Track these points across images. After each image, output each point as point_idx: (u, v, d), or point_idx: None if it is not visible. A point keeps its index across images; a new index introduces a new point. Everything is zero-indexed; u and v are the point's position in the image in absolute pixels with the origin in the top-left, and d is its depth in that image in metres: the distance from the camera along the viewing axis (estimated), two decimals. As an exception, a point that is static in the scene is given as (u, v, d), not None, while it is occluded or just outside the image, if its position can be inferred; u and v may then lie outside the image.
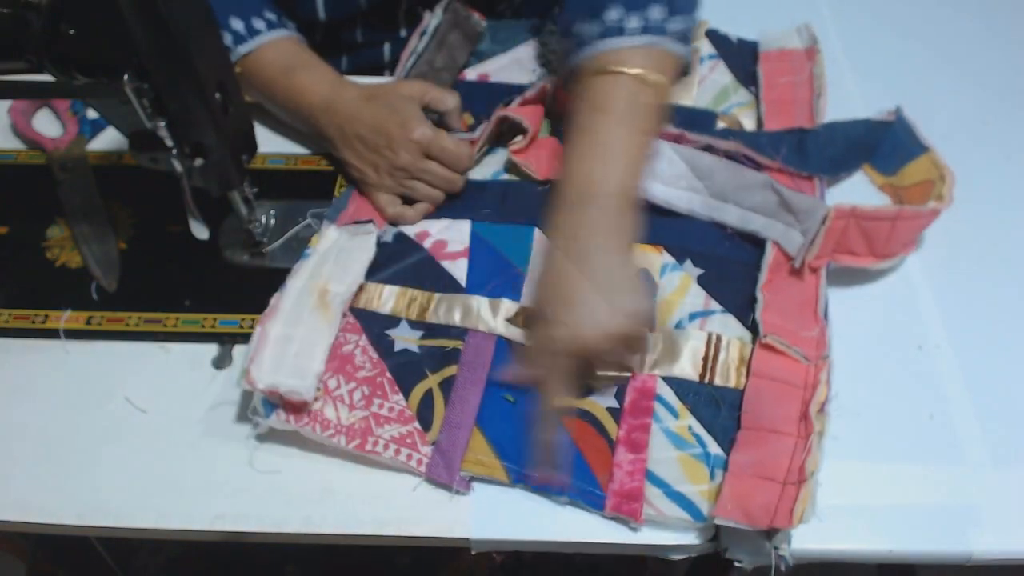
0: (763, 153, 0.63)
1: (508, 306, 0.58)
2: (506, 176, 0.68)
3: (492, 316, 0.58)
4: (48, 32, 0.48)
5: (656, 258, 0.61)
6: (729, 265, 0.61)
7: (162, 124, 0.50)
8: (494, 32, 0.78)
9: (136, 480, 0.52)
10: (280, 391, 0.51)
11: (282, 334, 0.55)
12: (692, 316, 0.58)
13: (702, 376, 0.55)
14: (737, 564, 0.50)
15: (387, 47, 0.79)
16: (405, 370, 0.56)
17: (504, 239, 0.63)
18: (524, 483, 0.52)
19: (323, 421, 0.53)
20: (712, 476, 0.51)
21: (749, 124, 0.70)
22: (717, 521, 0.48)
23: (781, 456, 0.50)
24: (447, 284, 0.60)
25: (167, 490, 0.52)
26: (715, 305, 0.58)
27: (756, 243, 0.61)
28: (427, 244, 0.63)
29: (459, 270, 0.61)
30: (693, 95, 0.72)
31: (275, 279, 0.61)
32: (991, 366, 0.57)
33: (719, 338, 0.56)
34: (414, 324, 0.59)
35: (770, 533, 0.48)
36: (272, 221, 0.64)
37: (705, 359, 0.55)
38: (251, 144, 0.57)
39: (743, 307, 0.58)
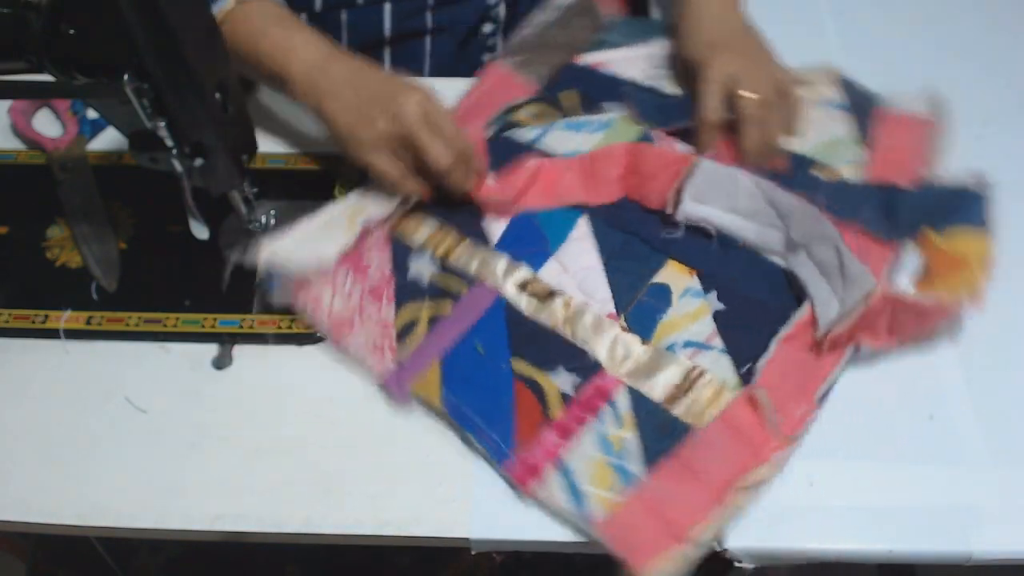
0: (844, 213, 0.59)
1: (524, 273, 0.60)
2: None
3: (503, 276, 0.60)
4: (48, 32, 0.48)
5: (684, 279, 0.60)
6: (754, 309, 0.58)
7: (162, 124, 0.50)
8: (626, 26, 0.77)
9: (136, 480, 0.52)
10: (291, 266, 0.57)
11: (307, 228, 0.60)
12: (687, 344, 0.56)
13: (666, 401, 0.54)
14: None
15: (387, 8, 0.76)
16: (406, 291, 0.60)
17: (549, 218, 0.64)
18: (456, 417, 0.54)
19: (316, 302, 0.58)
20: (618, 490, 0.50)
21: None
22: (594, 532, 0.49)
23: (691, 507, 0.49)
24: (480, 236, 0.63)
25: (167, 490, 0.52)
26: (717, 343, 0.56)
27: (797, 293, 0.58)
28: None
29: (496, 229, 0.63)
30: (806, 141, 0.67)
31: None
32: (991, 366, 0.57)
33: (700, 374, 0.55)
34: (434, 260, 0.62)
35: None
36: (272, 221, 0.64)
37: (677, 388, 0.54)
38: (251, 144, 0.57)
39: (746, 353, 0.55)
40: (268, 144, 0.71)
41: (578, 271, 0.61)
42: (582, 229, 0.63)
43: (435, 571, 1.07)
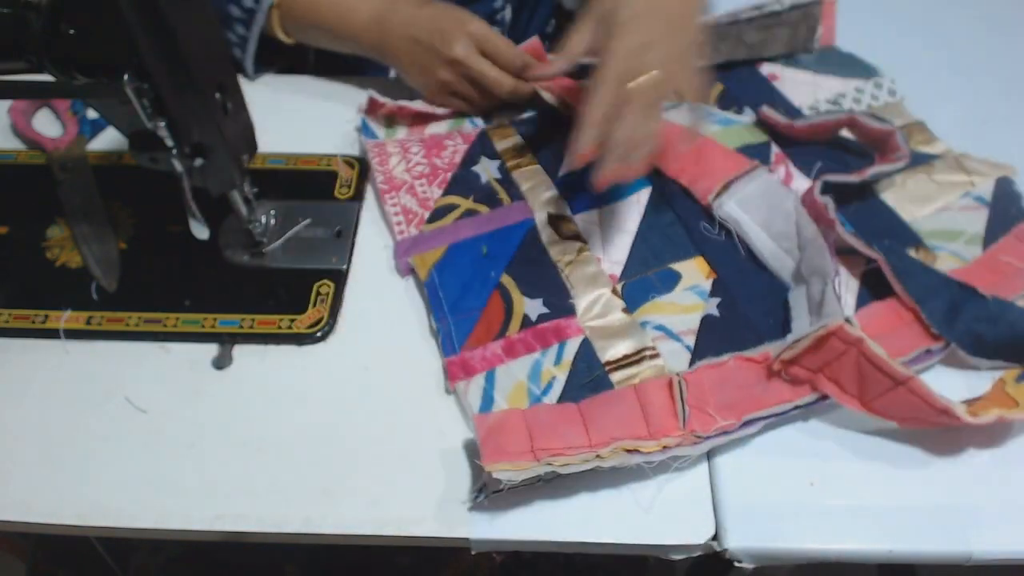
0: (912, 292, 0.56)
1: (561, 209, 0.64)
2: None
3: (544, 204, 0.64)
4: (48, 32, 0.48)
5: (699, 277, 0.60)
6: (743, 329, 0.57)
7: (162, 124, 0.50)
8: (827, 55, 0.77)
9: (136, 480, 0.52)
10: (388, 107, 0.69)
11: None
12: (659, 327, 0.57)
13: (609, 364, 0.56)
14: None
15: None
16: (461, 182, 0.66)
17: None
18: (431, 296, 0.59)
19: (384, 158, 0.67)
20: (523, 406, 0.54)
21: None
22: (472, 423, 0.52)
23: (563, 440, 0.50)
24: (550, 166, 0.67)
25: (167, 490, 0.52)
26: (689, 340, 0.57)
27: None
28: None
29: (563, 168, 0.65)
30: (926, 216, 0.64)
31: (275, 279, 0.61)
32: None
33: (653, 355, 0.56)
34: (502, 168, 0.67)
35: None
36: (272, 221, 0.64)
37: (625, 357, 0.56)
38: (251, 144, 0.58)
39: (708, 355, 0.55)
40: (268, 144, 0.70)
41: (611, 229, 0.63)
42: (641, 196, 0.65)
43: (435, 571, 1.06)
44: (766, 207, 0.61)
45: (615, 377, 0.55)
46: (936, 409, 0.50)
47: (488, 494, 0.50)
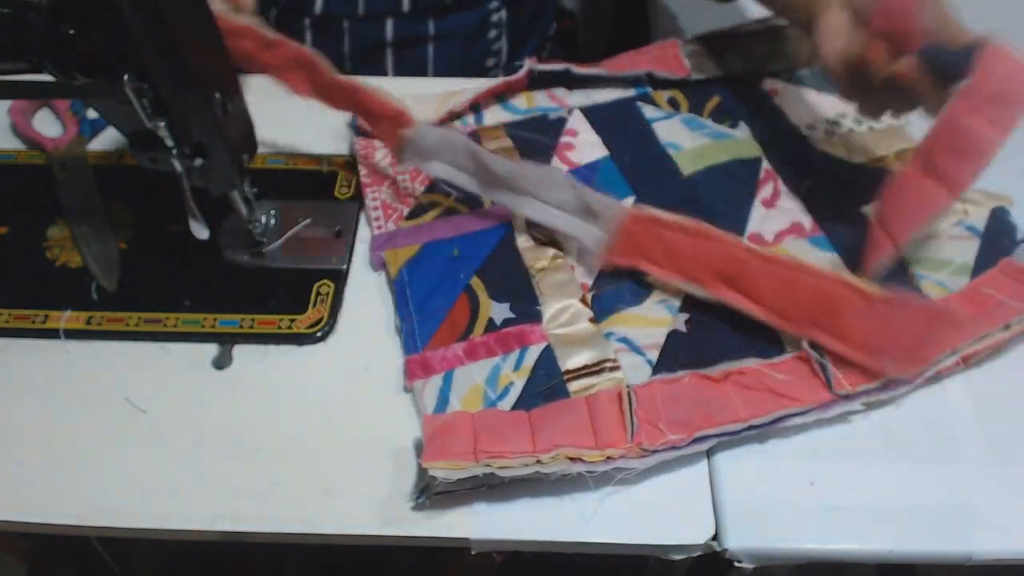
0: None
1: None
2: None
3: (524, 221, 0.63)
4: (48, 32, 0.48)
5: (670, 293, 0.60)
6: (708, 344, 0.57)
7: (162, 124, 0.50)
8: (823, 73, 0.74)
9: (136, 480, 0.52)
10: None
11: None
12: (623, 340, 0.57)
13: (568, 374, 0.55)
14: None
15: (389, 21, 0.77)
16: (444, 181, 0.65)
17: (610, 181, 0.66)
18: (399, 294, 0.59)
19: (368, 154, 0.68)
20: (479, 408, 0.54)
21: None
22: (422, 422, 0.52)
23: (507, 443, 0.49)
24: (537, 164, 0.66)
25: (167, 490, 0.52)
26: (652, 354, 0.56)
27: (764, 349, 0.56)
28: (562, 140, 0.69)
29: (559, 166, 0.67)
30: (917, 246, 0.63)
31: (275, 279, 0.61)
32: (991, 366, 0.57)
33: (613, 367, 0.55)
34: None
35: None
36: (272, 221, 0.64)
37: (584, 368, 0.55)
38: (251, 144, 0.58)
39: (668, 371, 0.55)
40: (268, 144, 0.71)
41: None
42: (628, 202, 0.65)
43: (435, 571, 1.07)
44: (445, 150, 0.63)
45: (572, 386, 0.54)
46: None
47: (430, 495, 0.50)
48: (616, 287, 0.60)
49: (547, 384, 0.55)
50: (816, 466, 0.52)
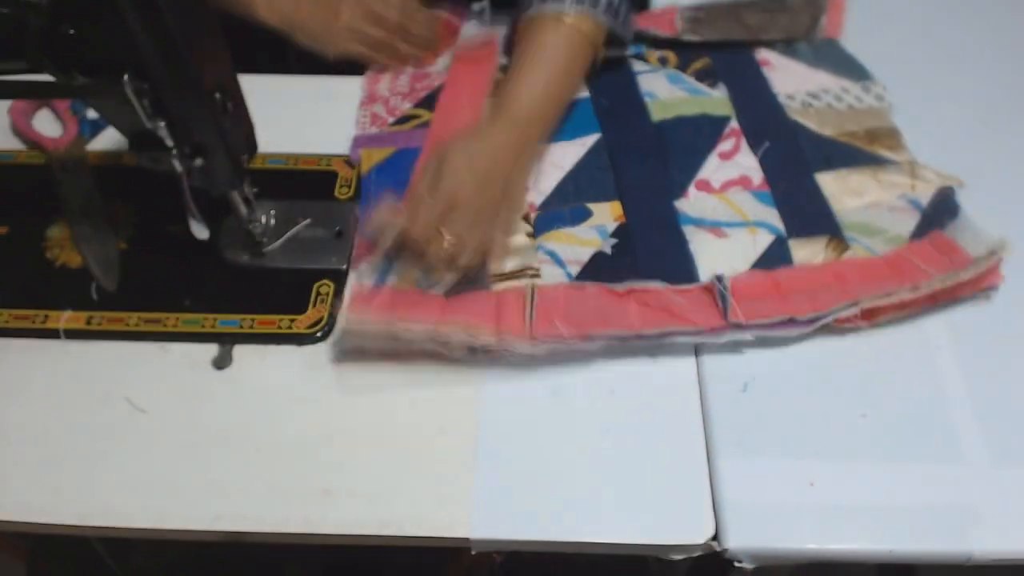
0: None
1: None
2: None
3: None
4: (48, 32, 0.48)
5: (608, 219, 0.64)
6: (628, 269, 0.60)
7: (162, 124, 0.50)
8: (827, 48, 0.76)
9: (136, 480, 0.52)
10: None
11: None
12: (550, 252, 0.61)
13: (495, 274, 0.60)
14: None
15: None
16: (429, 100, 0.71)
17: (582, 115, 0.70)
18: (364, 190, 0.65)
19: (373, 82, 0.74)
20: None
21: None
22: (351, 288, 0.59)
23: (415, 313, 0.55)
24: None
25: (167, 490, 0.52)
26: (574, 269, 0.61)
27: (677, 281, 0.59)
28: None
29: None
30: (855, 208, 0.65)
31: (275, 279, 0.61)
32: (991, 366, 0.57)
33: (533, 274, 0.60)
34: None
35: None
36: (272, 221, 0.64)
37: (510, 272, 0.61)
38: (251, 144, 0.58)
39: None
40: (268, 144, 0.70)
41: (547, 163, 0.67)
42: (588, 140, 0.69)
43: (435, 571, 1.06)
44: None
45: (496, 287, 0.59)
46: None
47: (344, 347, 0.57)
48: (559, 210, 0.64)
49: (472, 280, 0.59)
50: (816, 466, 0.52)
